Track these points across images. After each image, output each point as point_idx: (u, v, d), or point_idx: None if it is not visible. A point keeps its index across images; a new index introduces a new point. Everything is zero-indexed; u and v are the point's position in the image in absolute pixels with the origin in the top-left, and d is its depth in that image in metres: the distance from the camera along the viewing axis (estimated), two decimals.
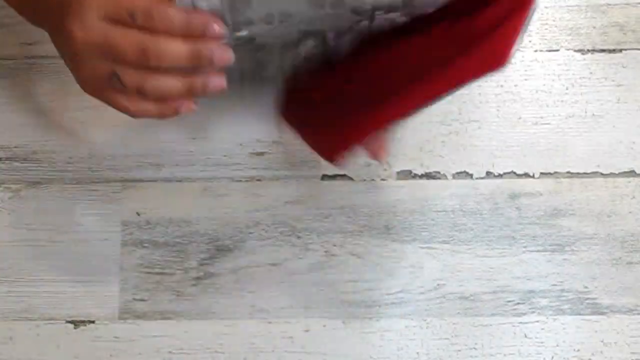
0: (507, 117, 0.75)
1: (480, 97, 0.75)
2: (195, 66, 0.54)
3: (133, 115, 0.56)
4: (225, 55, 0.54)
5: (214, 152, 0.73)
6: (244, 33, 0.58)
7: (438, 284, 0.71)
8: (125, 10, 0.53)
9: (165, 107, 0.56)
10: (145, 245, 0.71)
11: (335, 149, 0.61)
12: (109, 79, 0.54)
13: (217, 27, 0.53)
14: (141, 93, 0.54)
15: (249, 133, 0.73)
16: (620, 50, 0.76)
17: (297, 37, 0.60)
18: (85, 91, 0.57)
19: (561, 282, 0.71)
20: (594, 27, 0.77)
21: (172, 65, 0.54)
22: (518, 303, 0.70)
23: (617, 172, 0.73)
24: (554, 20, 0.77)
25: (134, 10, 0.53)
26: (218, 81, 0.56)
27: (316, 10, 0.57)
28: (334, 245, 0.71)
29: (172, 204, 0.72)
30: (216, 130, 0.74)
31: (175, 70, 0.54)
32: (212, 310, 0.70)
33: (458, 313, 0.70)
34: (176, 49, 0.53)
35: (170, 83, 0.54)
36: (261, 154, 0.73)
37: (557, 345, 0.70)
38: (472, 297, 0.70)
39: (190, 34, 0.53)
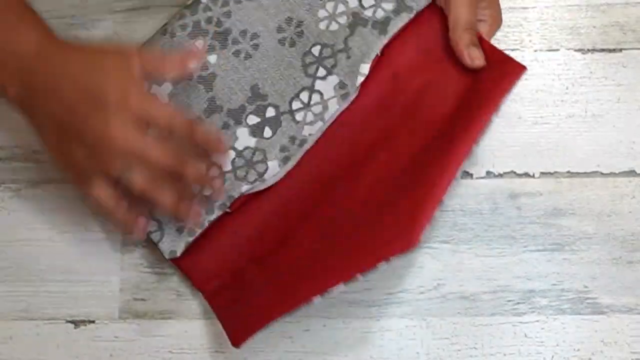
0: (507, 116, 0.75)
1: None
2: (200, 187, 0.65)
3: (103, 209, 0.62)
4: (221, 191, 0.66)
5: None
6: None
7: (438, 284, 0.71)
8: (162, 120, 0.60)
9: (130, 221, 0.64)
10: (145, 245, 0.71)
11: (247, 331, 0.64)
12: (116, 173, 0.60)
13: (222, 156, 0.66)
14: (140, 194, 0.61)
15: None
16: (620, 50, 0.76)
17: None
18: (69, 173, 0.63)
19: (561, 281, 0.71)
20: (594, 27, 0.77)
21: (191, 181, 0.63)
22: (518, 303, 0.70)
23: (617, 172, 0.73)
24: (554, 20, 0.77)
25: (173, 125, 0.61)
26: (196, 213, 0.65)
27: None
28: None
29: None
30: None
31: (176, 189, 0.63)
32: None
33: (458, 313, 0.70)
34: (200, 170, 0.64)
35: (167, 198, 0.62)
36: None
37: (557, 345, 0.70)
38: (472, 297, 0.71)
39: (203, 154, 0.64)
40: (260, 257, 0.67)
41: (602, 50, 0.76)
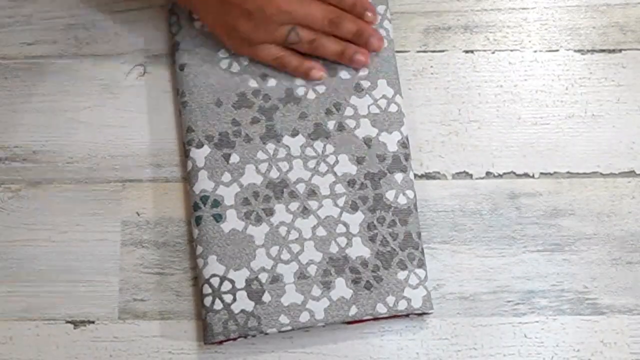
0: (506, 117, 0.75)
1: (479, 97, 0.75)
2: (356, 40, 0.72)
3: (273, 61, 0.72)
4: (378, 43, 0.73)
5: None
6: None
7: (438, 284, 0.71)
8: None
9: (302, 65, 0.72)
10: (145, 245, 0.71)
11: None
12: (286, 34, 0.70)
13: (370, 15, 0.72)
14: (309, 47, 0.71)
15: None
16: (620, 51, 0.76)
17: None
18: (239, 48, 0.72)
19: (561, 282, 0.71)
20: (594, 27, 0.77)
21: (343, 35, 0.72)
22: (518, 303, 0.70)
23: (617, 172, 0.73)
24: (553, 21, 0.77)
25: None
26: (364, 58, 0.72)
27: None
28: None
29: (172, 204, 0.72)
30: None
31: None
32: None
33: (458, 313, 0.70)
34: (351, 25, 0.72)
35: (333, 45, 0.72)
36: None
37: (557, 346, 0.70)
38: (471, 297, 0.70)
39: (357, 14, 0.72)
40: None
41: (602, 50, 0.76)
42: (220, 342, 0.67)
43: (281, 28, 0.70)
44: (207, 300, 0.68)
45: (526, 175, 0.73)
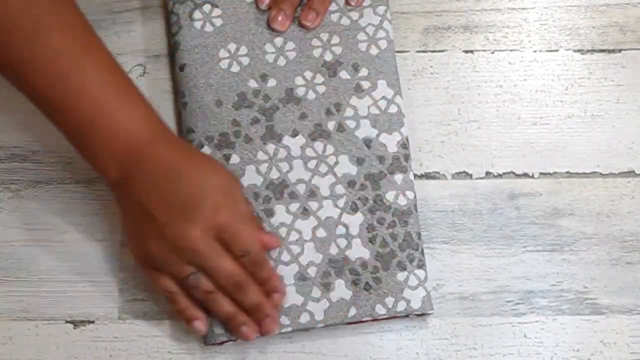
0: (506, 117, 0.75)
1: (479, 97, 0.75)
2: (251, 312, 0.66)
3: (164, 292, 0.66)
4: (271, 327, 0.66)
5: None
6: None
7: (437, 284, 0.71)
8: (242, 245, 0.64)
9: (189, 311, 0.66)
10: None
11: None
12: (187, 274, 0.64)
13: (277, 297, 0.66)
14: (203, 297, 0.65)
15: None
16: (620, 51, 0.76)
17: None
18: (141, 264, 0.66)
19: (560, 282, 0.71)
20: (593, 27, 0.77)
21: (241, 302, 0.65)
22: (517, 303, 0.70)
23: (616, 172, 0.73)
24: (553, 21, 0.77)
25: (250, 250, 0.64)
26: (251, 332, 0.66)
27: None
28: None
29: None
30: None
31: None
32: None
33: (457, 313, 0.70)
34: (254, 296, 0.65)
35: (227, 307, 0.65)
36: None
37: (557, 346, 0.70)
38: (471, 297, 0.71)
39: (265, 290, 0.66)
40: None
41: (602, 50, 0.76)
42: (221, 343, 0.67)
43: (186, 266, 0.64)
44: None
45: (526, 175, 0.73)
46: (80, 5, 0.75)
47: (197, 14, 0.74)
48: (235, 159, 0.71)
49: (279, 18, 0.73)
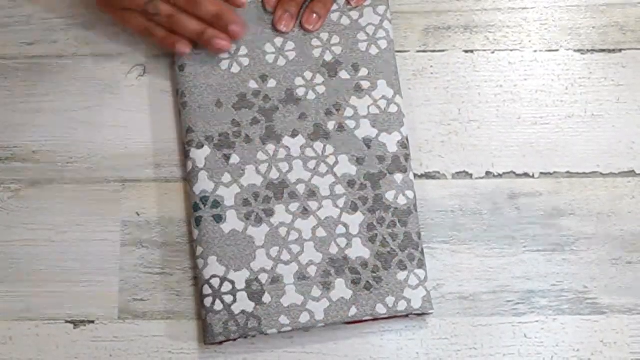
0: (506, 117, 0.75)
1: (479, 97, 0.75)
2: (215, 23, 0.71)
3: (141, 31, 0.72)
4: (238, 30, 0.71)
5: None
6: None
7: (438, 284, 0.71)
8: None
9: (169, 37, 0.72)
10: (145, 245, 0.71)
11: None
12: (144, 3, 0.70)
13: (242, 1, 0.71)
14: (168, 22, 0.71)
15: None
16: (620, 50, 0.76)
17: None
18: (102, 8, 0.73)
19: (561, 282, 0.71)
20: (594, 27, 0.77)
21: (201, 16, 0.70)
22: (518, 303, 0.70)
23: (616, 172, 0.73)
24: (553, 20, 0.77)
25: None
26: (223, 42, 0.71)
27: None
28: None
29: (172, 204, 0.72)
30: None
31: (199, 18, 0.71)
32: None
33: (458, 313, 0.70)
34: (210, 6, 0.70)
35: (193, 25, 0.71)
36: None
37: (557, 345, 0.70)
38: (471, 297, 0.71)
39: None
40: None
41: (602, 50, 0.76)
42: (221, 343, 0.67)
43: None
44: (208, 301, 0.68)
45: (526, 175, 0.73)
46: (80, 5, 0.75)
47: None
48: (235, 158, 0.71)
49: (284, 20, 0.74)
